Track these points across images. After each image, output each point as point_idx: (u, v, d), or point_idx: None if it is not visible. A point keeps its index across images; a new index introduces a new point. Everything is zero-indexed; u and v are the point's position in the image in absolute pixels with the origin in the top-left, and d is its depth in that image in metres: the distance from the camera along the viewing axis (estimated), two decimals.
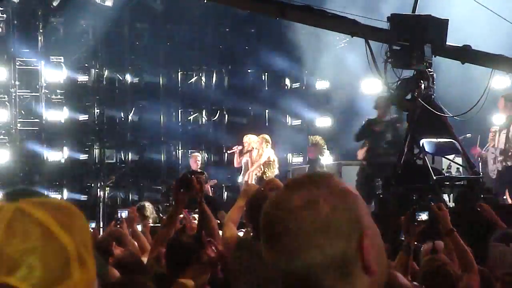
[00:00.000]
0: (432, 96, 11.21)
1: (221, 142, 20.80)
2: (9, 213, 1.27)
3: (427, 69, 11.08)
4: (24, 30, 19.11)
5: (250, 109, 21.43)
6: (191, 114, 21.24)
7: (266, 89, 21.57)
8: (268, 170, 14.49)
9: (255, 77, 21.51)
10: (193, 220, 7.59)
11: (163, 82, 20.66)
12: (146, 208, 10.36)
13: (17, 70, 18.82)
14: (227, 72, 21.38)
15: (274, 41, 19.91)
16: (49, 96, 19.17)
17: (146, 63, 20.31)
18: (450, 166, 13.09)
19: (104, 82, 19.83)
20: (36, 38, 19.16)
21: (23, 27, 19.05)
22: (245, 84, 21.27)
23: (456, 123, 11.80)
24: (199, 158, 16.22)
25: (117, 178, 19.91)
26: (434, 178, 10.90)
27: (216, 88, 21.27)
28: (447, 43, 11.10)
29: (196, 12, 20.10)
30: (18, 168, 18.63)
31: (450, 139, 11.51)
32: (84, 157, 19.55)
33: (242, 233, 6.71)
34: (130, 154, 20.16)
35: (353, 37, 11.40)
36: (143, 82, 20.29)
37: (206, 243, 5.18)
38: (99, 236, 8.65)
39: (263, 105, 21.36)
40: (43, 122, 19.05)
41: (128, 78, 20.12)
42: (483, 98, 10.91)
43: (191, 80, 21.13)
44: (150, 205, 10.70)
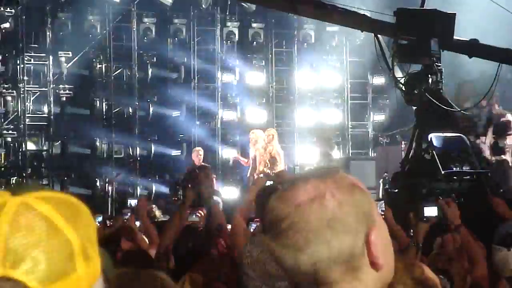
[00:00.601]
0: (440, 90, 11.19)
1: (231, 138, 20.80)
2: (13, 207, 1.27)
3: (435, 63, 11.06)
4: (32, 26, 19.16)
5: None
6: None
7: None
8: (274, 165, 14.46)
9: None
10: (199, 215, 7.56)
11: (171, 77, 20.65)
12: (153, 210, 10.36)
13: (25, 65, 18.88)
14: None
15: None
16: (57, 91, 19.21)
17: (154, 58, 20.31)
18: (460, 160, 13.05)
19: (112, 77, 19.83)
20: (44, 33, 19.22)
21: (31, 23, 19.10)
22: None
23: None
24: (201, 152, 16.13)
25: (125, 172, 19.93)
26: (443, 172, 10.88)
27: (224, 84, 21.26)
28: (455, 37, 11.07)
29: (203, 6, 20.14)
30: (24, 162, 18.68)
31: (458, 134, 11.49)
32: (89, 151, 19.56)
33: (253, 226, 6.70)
34: (138, 148, 20.16)
35: (362, 32, 11.40)
36: (151, 77, 20.28)
37: (215, 239, 5.18)
38: (107, 230, 8.65)
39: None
40: (51, 116, 19.10)
41: (136, 73, 20.11)
42: (491, 91, 10.92)
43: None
44: (156, 208, 10.68)
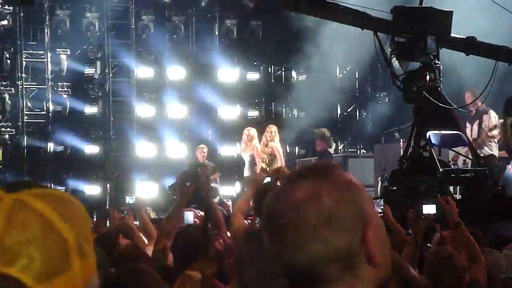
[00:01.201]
0: (438, 88, 11.20)
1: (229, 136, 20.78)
2: (8, 204, 1.27)
3: (433, 61, 11.07)
4: (30, 23, 19.16)
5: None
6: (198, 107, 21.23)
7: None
8: (273, 162, 14.43)
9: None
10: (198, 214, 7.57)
11: (169, 75, 20.63)
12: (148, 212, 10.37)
13: (23, 63, 18.88)
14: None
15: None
16: (55, 88, 19.21)
17: (153, 56, 20.29)
18: (457, 158, 13.08)
19: (110, 75, 19.81)
20: (42, 30, 19.21)
21: (30, 20, 19.09)
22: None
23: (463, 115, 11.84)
24: (205, 150, 16.15)
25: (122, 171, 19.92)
26: (441, 170, 10.89)
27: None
28: (452, 35, 11.09)
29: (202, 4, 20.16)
30: (23, 159, 18.69)
31: (457, 131, 11.50)
32: (89, 149, 19.54)
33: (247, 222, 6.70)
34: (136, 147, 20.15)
35: (363, 30, 11.41)
36: (149, 75, 20.25)
37: (213, 236, 5.18)
38: (105, 228, 8.66)
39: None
40: (49, 114, 19.09)
41: (134, 70, 20.09)
42: (487, 89, 10.94)
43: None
44: (151, 210, 10.68)
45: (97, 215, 10.66)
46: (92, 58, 19.76)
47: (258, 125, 16.70)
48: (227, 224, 6.01)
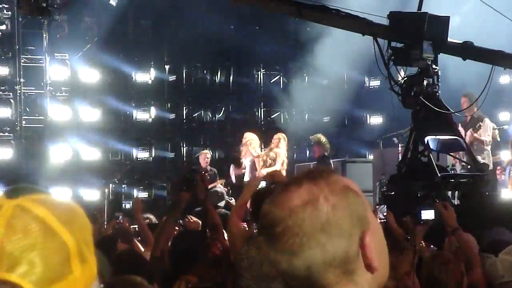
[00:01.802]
0: (437, 93, 11.20)
1: (225, 140, 20.79)
2: (9, 210, 1.27)
3: (431, 66, 11.08)
4: (28, 27, 19.12)
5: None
6: (196, 111, 21.24)
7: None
8: (273, 166, 14.41)
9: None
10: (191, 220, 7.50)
11: (169, 79, 20.65)
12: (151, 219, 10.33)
13: (22, 67, 18.84)
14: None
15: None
16: (54, 93, 19.17)
17: (151, 60, 20.31)
18: (455, 163, 13.09)
19: (109, 79, 19.81)
20: (40, 35, 19.16)
21: (28, 24, 19.06)
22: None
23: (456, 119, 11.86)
24: (209, 155, 16.11)
25: (122, 175, 19.94)
26: (439, 175, 10.89)
27: (220, 85, 21.27)
28: (449, 40, 11.10)
29: (200, 8, 20.16)
30: (21, 165, 18.63)
31: (455, 136, 11.51)
32: (89, 154, 19.52)
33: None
34: (135, 151, 20.16)
35: (364, 35, 11.45)
36: (149, 79, 20.27)
37: (210, 241, 5.18)
38: (103, 232, 8.64)
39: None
40: (48, 119, 19.06)
41: (133, 75, 20.10)
42: (484, 94, 10.95)
43: (197, 76, 21.14)
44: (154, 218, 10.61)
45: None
46: (90, 62, 19.75)
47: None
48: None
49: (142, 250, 6.95)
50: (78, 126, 19.28)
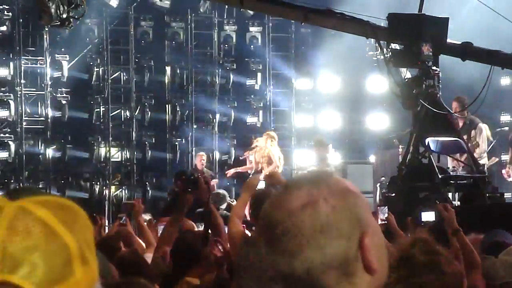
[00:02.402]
0: (437, 94, 11.20)
1: (225, 143, 20.80)
2: (10, 211, 1.27)
3: (431, 67, 11.08)
4: (29, 29, 19.15)
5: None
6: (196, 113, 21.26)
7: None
8: (270, 166, 14.38)
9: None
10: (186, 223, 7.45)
11: (168, 80, 20.65)
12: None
13: (22, 69, 18.86)
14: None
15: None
16: (54, 94, 19.19)
17: (151, 62, 20.31)
18: (456, 165, 13.08)
19: (109, 81, 19.83)
20: (41, 36, 19.19)
21: (28, 26, 19.08)
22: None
23: None
24: (204, 157, 16.17)
25: (122, 176, 19.96)
26: (440, 177, 10.89)
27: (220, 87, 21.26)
28: (448, 40, 11.11)
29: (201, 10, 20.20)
30: (22, 166, 18.66)
31: (456, 138, 11.51)
32: (87, 155, 19.55)
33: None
34: (135, 152, 20.16)
35: (367, 38, 11.49)
36: (148, 81, 20.27)
37: (212, 242, 5.17)
38: (105, 234, 8.65)
39: None
40: (48, 120, 19.07)
41: (133, 76, 20.11)
42: (482, 95, 10.96)
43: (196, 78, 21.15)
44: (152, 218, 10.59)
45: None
46: (91, 64, 19.78)
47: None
48: None
49: (143, 248, 6.95)
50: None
